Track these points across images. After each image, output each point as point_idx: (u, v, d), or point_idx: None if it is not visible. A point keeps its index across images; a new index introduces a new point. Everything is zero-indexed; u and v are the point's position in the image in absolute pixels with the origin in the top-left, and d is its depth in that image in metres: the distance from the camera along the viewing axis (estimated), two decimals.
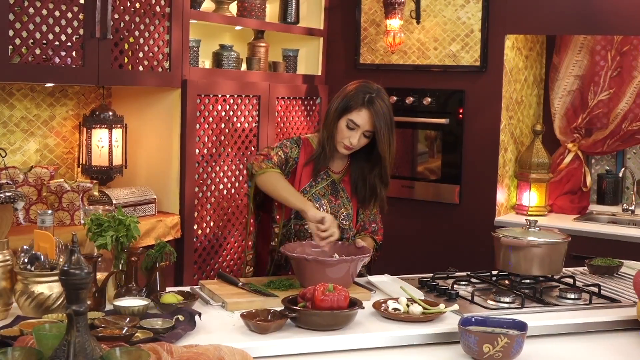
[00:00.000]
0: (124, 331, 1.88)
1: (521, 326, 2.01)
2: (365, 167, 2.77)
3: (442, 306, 2.23)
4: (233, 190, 4.08)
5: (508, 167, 4.42)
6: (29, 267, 2.07)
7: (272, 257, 2.83)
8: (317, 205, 2.71)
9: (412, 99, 4.44)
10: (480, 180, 4.29)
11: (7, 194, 2.02)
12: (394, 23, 4.25)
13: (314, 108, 4.61)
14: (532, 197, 4.38)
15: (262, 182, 2.69)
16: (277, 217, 2.80)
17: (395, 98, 4.44)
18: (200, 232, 3.93)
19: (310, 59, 4.73)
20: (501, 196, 4.33)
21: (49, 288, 2.06)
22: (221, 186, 4.02)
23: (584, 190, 4.48)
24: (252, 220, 2.86)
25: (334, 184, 2.79)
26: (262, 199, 2.83)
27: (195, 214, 3.88)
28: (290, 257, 2.50)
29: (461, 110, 4.32)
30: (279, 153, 2.76)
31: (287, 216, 2.76)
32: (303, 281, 2.43)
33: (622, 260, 2.96)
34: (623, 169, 4.47)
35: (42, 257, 2.09)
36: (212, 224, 3.99)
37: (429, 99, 4.40)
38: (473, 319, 2.05)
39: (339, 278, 2.37)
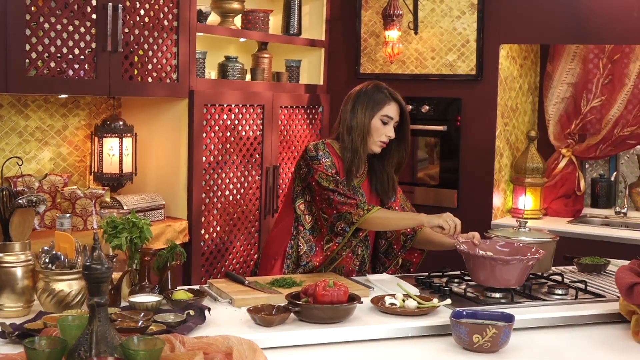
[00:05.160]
0: (139, 324, 2.00)
1: (509, 318, 2.13)
2: (384, 161, 2.94)
3: (435, 301, 2.35)
4: (239, 196, 4.21)
5: (504, 172, 4.54)
6: (50, 266, 2.21)
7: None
8: None
9: (410, 107, 4.55)
10: (477, 185, 4.41)
11: (31, 198, 2.16)
12: (393, 34, 4.37)
13: (316, 116, 4.74)
14: (528, 201, 4.50)
15: (368, 226, 2.77)
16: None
17: None
18: (207, 236, 4.06)
19: (312, 69, 4.85)
20: (497, 200, 4.45)
21: (69, 285, 2.19)
22: (227, 192, 4.15)
23: (578, 194, 4.60)
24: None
25: (354, 189, 2.88)
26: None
27: (203, 219, 4.01)
28: (463, 253, 2.57)
29: (458, 118, 4.45)
30: (344, 180, 2.82)
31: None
32: (477, 279, 2.51)
33: (609, 259, 3.09)
34: (615, 173, 4.59)
35: (62, 256, 2.22)
36: (218, 228, 4.12)
37: (427, 107, 4.53)
38: (464, 312, 2.18)
39: (514, 277, 2.46)
